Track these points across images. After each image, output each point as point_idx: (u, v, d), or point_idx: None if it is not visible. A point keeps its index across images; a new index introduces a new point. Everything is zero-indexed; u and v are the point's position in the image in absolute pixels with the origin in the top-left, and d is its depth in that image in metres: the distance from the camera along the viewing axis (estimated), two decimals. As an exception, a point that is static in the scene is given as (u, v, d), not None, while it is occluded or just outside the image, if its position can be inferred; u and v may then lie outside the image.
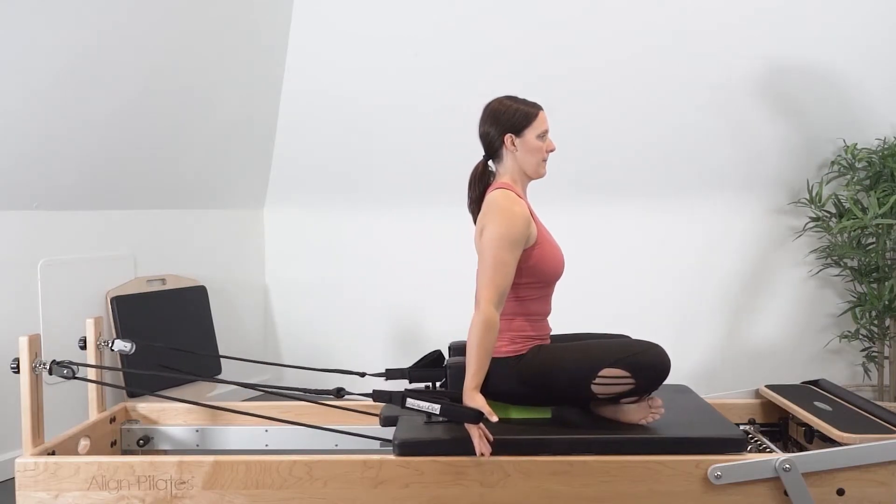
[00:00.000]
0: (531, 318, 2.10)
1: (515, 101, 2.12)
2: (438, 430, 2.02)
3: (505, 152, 2.12)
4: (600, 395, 2.03)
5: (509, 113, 2.09)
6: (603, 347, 2.05)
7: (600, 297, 3.81)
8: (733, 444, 1.96)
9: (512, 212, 2.00)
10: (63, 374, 2.09)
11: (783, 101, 3.40)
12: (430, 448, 1.96)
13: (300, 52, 3.99)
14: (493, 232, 1.98)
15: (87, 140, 3.21)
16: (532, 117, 2.10)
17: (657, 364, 2.00)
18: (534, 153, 2.10)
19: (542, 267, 2.07)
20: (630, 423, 2.07)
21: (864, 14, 3.22)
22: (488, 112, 2.13)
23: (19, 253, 3.09)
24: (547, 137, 2.13)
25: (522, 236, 2.00)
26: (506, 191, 2.07)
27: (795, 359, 3.58)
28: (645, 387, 2.01)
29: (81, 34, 2.96)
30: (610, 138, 3.68)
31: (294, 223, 4.41)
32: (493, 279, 1.96)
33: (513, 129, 2.09)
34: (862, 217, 3.12)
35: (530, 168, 2.12)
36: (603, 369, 1.99)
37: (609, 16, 3.49)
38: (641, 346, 2.03)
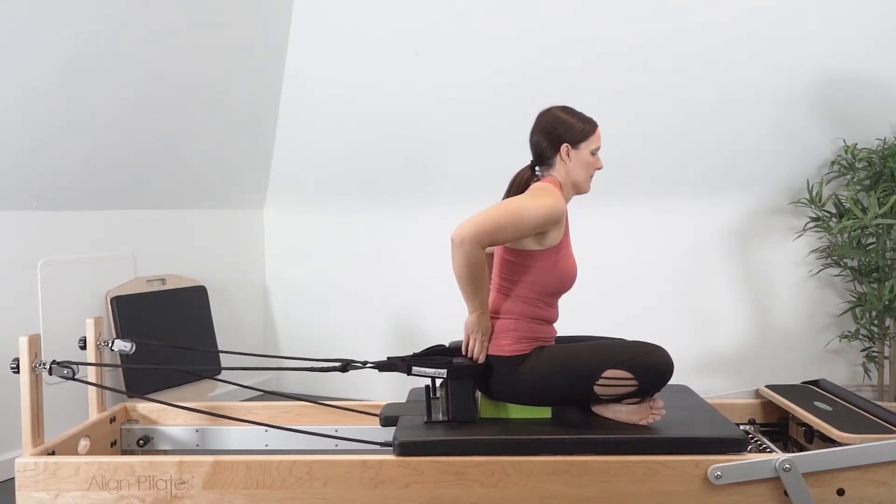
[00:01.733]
0: (537, 322, 2.11)
1: (575, 113, 2.16)
2: (439, 431, 2.02)
3: (558, 161, 2.13)
4: (603, 396, 2.04)
5: (568, 125, 2.12)
6: (606, 349, 2.05)
7: (599, 296, 3.81)
8: (734, 443, 1.96)
9: (558, 197, 2.02)
10: (63, 374, 2.09)
11: (783, 100, 3.40)
12: (431, 448, 1.95)
13: (300, 52, 3.99)
14: (537, 198, 2.00)
15: (87, 140, 3.21)
16: (589, 133, 2.14)
17: (661, 366, 2.01)
18: (586, 167, 2.14)
19: (557, 272, 2.08)
20: (631, 423, 2.07)
21: (865, 14, 3.22)
22: (547, 121, 2.15)
23: (19, 253, 3.09)
24: (598, 155, 2.17)
25: (553, 221, 2.00)
26: (553, 186, 2.09)
27: (795, 359, 3.58)
28: (648, 388, 2.02)
29: (81, 34, 2.96)
30: (609, 137, 3.68)
31: (294, 223, 4.41)
32: (498, 216, 1.95)
33: (571, 140, 2.11)
34: (862, 217, 3.12)
35: (579, 180, 2.15)
36: (606, 370, 2.00)
37: (609, 13, 3.50)
38: (645, 348, 2.04)
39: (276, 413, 2.51)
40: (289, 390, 4.35)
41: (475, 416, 2.10)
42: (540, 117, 2.17)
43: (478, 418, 2.11)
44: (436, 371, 2.04)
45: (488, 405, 2.16)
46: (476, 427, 2.05)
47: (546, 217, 1.99)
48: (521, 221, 1.96)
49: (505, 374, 2.03)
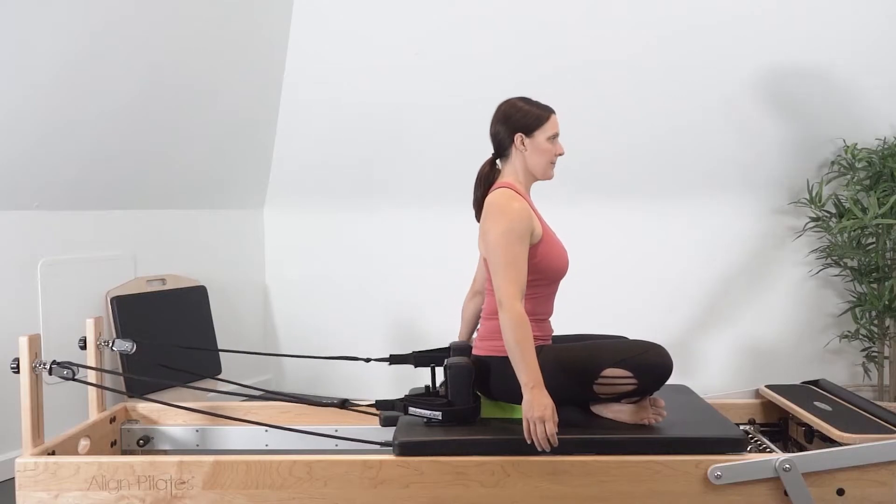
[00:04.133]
0: (534, 318, 2.10)
1: (529, 102, 2.15)
2: (439, 431, 2.02)
3: (514, 151, 2.14)
4: (602, 396, 2.04)
5: (522, 113, 2.12)
6: (605, 348, 2.05)
7: (599, 296, 3.81)
8: (733, 443, 1.96)
9: (512, 207, 2.01)
10: (63, 374, 2.09)
11: (783, 101, 3.40)
12: (430, 448, 1.96)
13: (300, 52, 3.99)
14: (499, 229, 1.99)
15: (87, 140, 3.21)
16: (544, 119, 2.12)
17: (659, 364, 2.00)
18: (543, 154, 2.13)
19: (546, 264, 2.08)
20: (631, 423, 2.07)
21: (865, 14, 3.22)
22: (501, 111, 2.15)
23: (19, 253, 3.09)
24: (557, 141, 2.15)
25: (527, 230, 2.01)
26: (506, 190, 2.08)
27: (795, 359, 3.58)
28: (647, 387, 2.02)
29: (81, 34, 2.96)
30: (609, 137, 3.68)
31: (294, 223, 4.41)
32: (509, 274, 1.96)
33: (524, 129, 2.11)
34: (862, 217, 3.12)
35: (538, 169, 2.14)
36: (605, 370, 2.00)
37: (610, 14, 3.50)
38: (644, 346, 2.04)
39: (277, 413, 2.51)
40: (289, 390, 4.34)
41: (475, 417, 2.10)
42: (497, 108, 2.17)
43: (478, 418, 2.12)
44: (431, 413, 2.05)
45: (488, 405, 2.16)
46: (476, 427, 2.05)
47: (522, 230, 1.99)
48: (518, 255, 1.97)
49: (504, 374, 2.02)
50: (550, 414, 1.87)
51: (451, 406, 2.07)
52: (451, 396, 2.08)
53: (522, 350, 1.91)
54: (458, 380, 2.07)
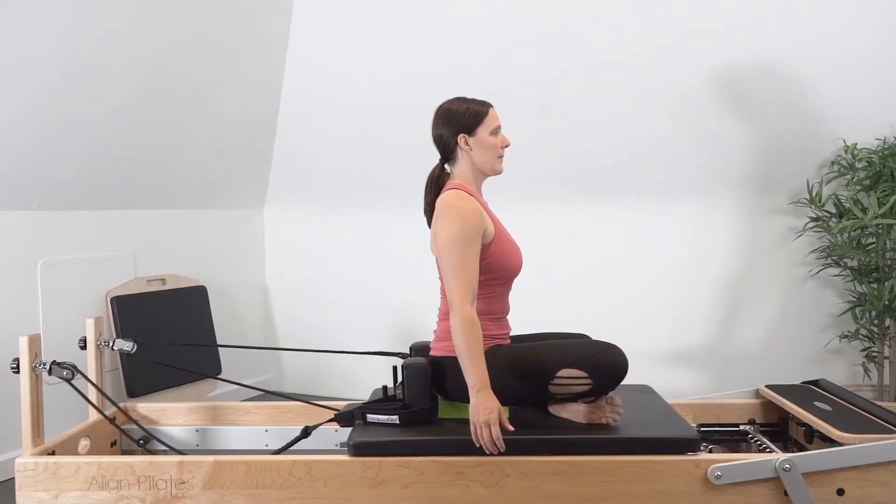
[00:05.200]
0: (490, 317, 2.10)
1: (465, 101, 2.14)
2: (395, 432, 2.02)
3: (459, 153, 2.13)
4: (558, 396, 2.04)
5: (460, 113, 2.11)
6: (561, 348, 2.05)
7: (599, 296, 3.81)
8: (687, 444, 1.96)
9: (462, 208, 2.00)
10: (63, 374, 2.09)
11: (783, 101, 3.40)
12: (385, 449, 1.96)
13: (300, 52, 3.99)
14: (449, 231, 1.98)
15: (87, 140, 3.21)
16: (483, 115, 2.12)
17: (614, 364, 2.00)
18: (488, 150, 2.12)
19: (499, 263, 2.07)
20: (589, 423, 2.07)
21: (865, 14, 3.22)
22: (440, 115, 2.15)
23: (19, 253, 3.09)
24: (500, 133, 2.15)
25: (478, 231, 2.00)
26: (455, 191, 2.07)
27: (795, 359, 3.58)
28: (602, 387, 2.02)
29: (81, 34, 2.96)
30: (609, 138, 3.68)
31: (294, 223, 4.41)
32: (459, 278, 1.95)
33: (465, 128, 2.10)
34: (862, 217, 3.12)
35: (486, 165, 2.14)
36: (561, 370, 2.00)
37: (610, 15, 3.49)
38: (599, 346, 2.04)
39: (276, 413, 2.51)
40: (289, 390, 4.35)
41: (432, 417, 2.10)
42: (435, 113, 2.16)
43: (435, 419, 2.12)
44: (388, 418, 2.06)
45: (445, 406, 2.16)
46: (432, 428, 2.05)
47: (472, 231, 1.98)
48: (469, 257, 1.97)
49: (459, 374, 1.99)
50: (496, 417, 1.86)
51: (407, 408, 2.08)
52: (407, 398, 2.09)
53: (471, 353, 1.90)
54: (413, 381, 2.08)
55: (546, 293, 3.86)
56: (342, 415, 2.15)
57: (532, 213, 3.87)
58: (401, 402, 2.11)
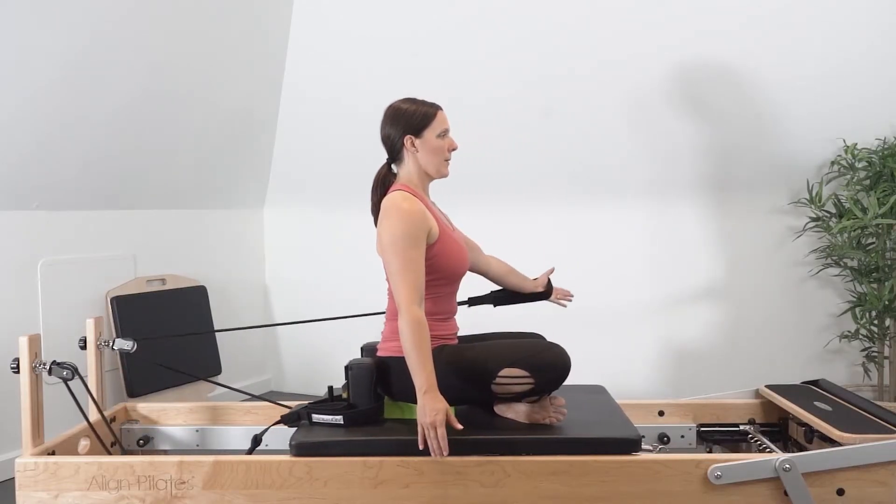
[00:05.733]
0: (437, 317, 2.11)
1: (414, 102, 2.15)
2: (339, 432, 2.03)
3: (406, 154, 2.14)
4: (500, 395, 2.04)
5: (408, 115, 2.11)
6: (503, 347, 2.05)
7: (599, 296, 3.81)
8: (628, 444, 1.96)
9: (405, 209, 2.00)
10: (63, 374, 2.09)
11: (783, 100, 3.40)
12: (327, 449, 1.97)
13: (300, 52, 3.99)
14: (392, 233, 1.98)
15: (87, 140, 3.21)
16: (431, 117, 2.12)
17: (556, 364, 2.01)
18: (435, 153, 2.12)
19: (444, 263, 2.08)
20: (532, 422, 2.07)
21: (864, 14, 3.22)
22: (388, 115, 2.15)
23: (19, 253, 3.09)
24: (448, 136, 2.15)
25: (422, 231, 2.00)
26: (399, 192, 2.08)
27: (795, 359, 3.58)
28: (544, 386, 2.02)
29: (81, 34, 2.96)
30: (609, 138, 3.68)
31: (294, 223, 4.41)
32: (405, 279, 1.95)
33: (412, 130, 2.11)
34: (862, 217, 3.12)
35: (432, 168, 2.14)
36: (503, 369, 2.00)
37: (609, 16, 3.49)
38: (541, 346, 2.04)
39: (276, 413, 2.50)
40: (289, 390, 4.35)
41: (378, 417, 2.11)
42: (384, 112, 2.16)
43: (380, 419, 2.12)
44: (332, 418, 2.07)
45: (391, 406, 2.16)
46: (377, 428, 2.06)
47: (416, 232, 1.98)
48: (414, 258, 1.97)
49: (405, 375, 1.99)
50: (442, 419, 1.85)
51: (352, 408, 2.08)
52: (352, 398, 2.10)
53: (418, 354, 1.90)
54: (358, 381, 2.09)
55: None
56: (289, 415, 2.16)
57: (531, 214, 3.87)
58: (346, 403, 2.12)
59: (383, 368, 2.10)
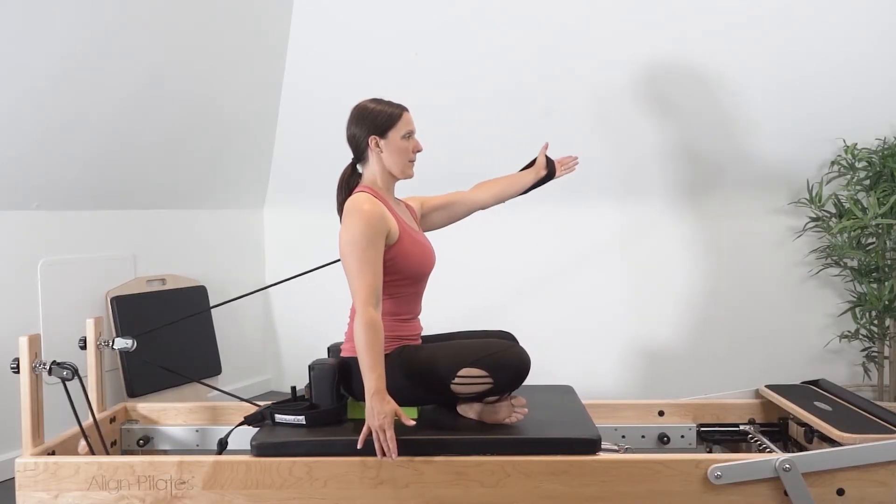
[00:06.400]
0: (398, 318, 2.11)
1: (380, 103, 2.16)
2: (301, 432, 2.03)
3: (370, 154, 2.14)
4: (461, 395, 2.04)
5: (373, 115, 2.12)
6: (463, 347, 2.05)
7: (598, 297, 3.81)
8: (586, 444, 1.97)
9: (363, 210, 2.00)
10: (63, 374, 2.09)
11: (783, 100, 3.40)
12: (287, 450, 1.97)
13: (300, 52, 3.99)
14: (350, 233, 1.99)
15: (87, 140, 3.21)
16: (396, 118, 2.13)
17: (515, 363, 2.01)
18: (399, 154, 2.13)
19: (404, 264, 2.08)
20: (493, 422, 2.07)
21: (864, 14, 3.22)
22: (354, 115, 2.15)
23: (19, 253, 3.09)
24: (413, 138, 2.16)
25: (379, 232, 2.00)
26: (361, 193, 2.08)
27: (795, 359, 3.58)
28: (504, 386, 2.02)
29: (80, 33, 2.96)
30: (609, 137, 3.68)
31: (294, 223, 4.40)
32: (362, 279, 1.96)
33: (377, 130, 2.11)
34: (862, 217, 3.12)
35: (396, 169, 2.15)
36: (462, 369, 2.00)
37: (610, 18, 3.49)
38: (500, 345, 2.04)
39: (276, 413, 2.50)
40: (288, 390, 4.34)
41: (340, 418, 2.11)
42: (350, 112, 2.17)
43: (343, 419, 2.12)
44: (295, 418, 2.07)
45: (354, 406, 2.16)
46: (338, 428, 2.05)
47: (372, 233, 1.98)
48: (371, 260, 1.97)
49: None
50: (390, 421, 1.86)
51: (314, 409, 2.08)
52: (314, 398, 2.11)
53: (370, 355, 1.90)
54: (320, 382, 2.09)
55: (545, 293, 3.86)
56: (252, 416, 2.17)
57: (531, 213, 3.87)
58: (308, 403, 2.12)
59: (346, 368, 2.10)
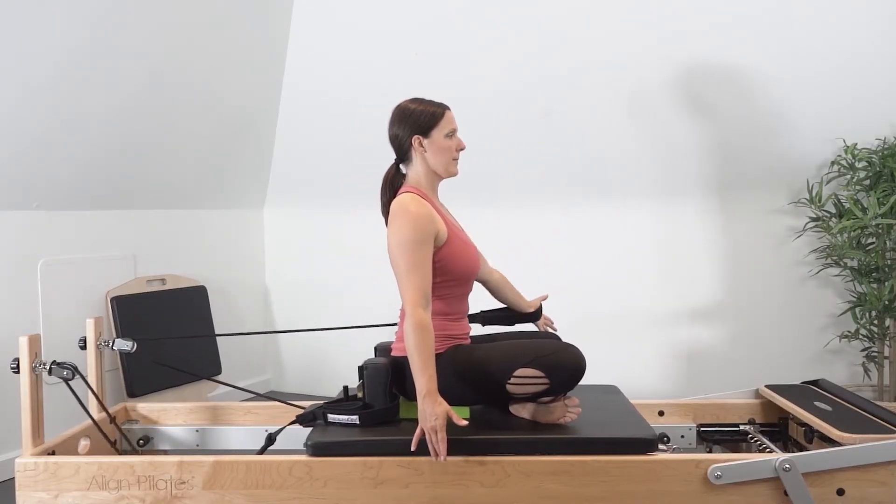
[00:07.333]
0: (448, 317, 2.12)
1: (422, 102, 2.15)
2: (355, 432, 2.03)
3: (414, 154, 2.14)
4: (516, 395, 2.04)
5: (416, 115, 2.12)
6: (519, 347, 2.05)
7: (599, 297, 3.81)
8: (645, 444, 1.97)
9: (412, 212, 2.01)
10: (63, 374, 2.09)
11: (783, 100, 3.40)
12: (343, 449, 1.97)
13: (300, 52, 3.99)
14: (399, 235, 1.99)
15: (87, 140, 3.21)
16: (439, 117, 2.13)
17: (571, 364, 2.01)
18: (443, 153, 2.13)
19: (453, 266, 2.08)
20: (547, 422, 2.07)
21: (865, 14, 3.22)
22: (396, 115, 2.15)
23: (19, 253, 3.09)
24: (455, 136, 2.16)
25: (428, 234, 2.01)
26: (407, 194, 2.08)
27: (795, 359, 3.58)
28: (559, 387, 2.03)
29: (81, 33, 2.96)
30: (609, 137, 3.68)
31: (294, 223, 4.41)
32: (411, 281, 1.96)
33: (420, 130, 2.11)
34: (862, 217, 3.12)
35: (440, 168, 2.15)
36: (518, 369, 2.00)
37: (610, 15, 3.49)
38: (556, 346, 2.04)
39: (277, 413, 2.51)
40: (289, 390, 4.34)
41: (393, 417, 2.11)
42: (392, 113, 2.17)
43: (396, 418, 2.12)
44: (348, 418, 2.07)
45: (406, 406, 2.16)
46: (392, 428, 2.05)
47: (422, 235, 1.99)
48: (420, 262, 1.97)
49: None
50: (442, 423, 1.86)
51: (368, 408, 2.08)
52: (367, 398, 2.10)
53: (420, 357, 1.90)
54: (374, 381, 2.09)
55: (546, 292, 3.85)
56: (304, 415, 2.16)
57: (530, 213, 3.87)
58: (361, 403, 2.12)
59: (398, 368, 2.11)
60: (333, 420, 2.09)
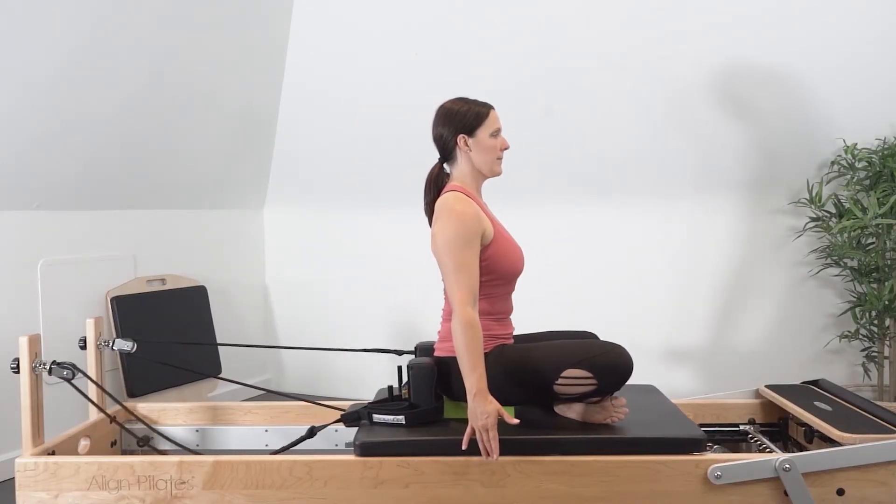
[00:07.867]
0: (493, 317, 2.11)
1: (467, 101, 2.15)
2: (401, 432, 2.02)
3: (459, 153, 2.14)
4: (563, 395, 2.04)
5: (461, 114, 2.12)
6: (566, 348, 2.05)
7: (599, 296, 3.81)
8: (693, 444, 1.96)
9: (459, 211, 2.01)
10: (63, 374, 2.09)
11: (783, 100, 3.40)
12: (390, 449, 1.96)
13: (300, 52, 3.99)
14: (447, 234, 1.99)
15: (88, 140, 3.21)
16: (483, 116, 2.13)
17: (619, 365, 2.01)
18: (488, 152, 2.13)
19: (499, 265, 2.08)
20: (593, 423, 2.07)
21: (865, 14, 3.22)
22: (441, 115, 2.16)
23: (19, 253, 3.09)
24: (500, 136, 2.16)
25: (475, 233, 2.01)
26: (454, 193, 2.08)
27: (795, 359, 3.58)
28: (607, 387, 2.02)
29: (81, 33, 2.96)
30: (609, 137, 3.68)
31: (294, 223, 4.41)
32: (459, 280, 1.96)
33: (465, 129, 2.11)
34: (862, 217, 3.12)
35: (485, 167, 2.15)
36: (566, 370, 2.00)
37: (610, 13, 3.49)
38: (604, 346, 2.04)
39: (277, 413, 2.51)
40: (289, 390, 4.34)
41: (438, 418, 2.11)
42: (436, 112, 2.17)
43: (441, 419, 2.12)
44: (394, 418, 2.07)
45: (451, 406, 2.16)
46: (438, 428, 2.05)
47: (470, 234, 1.99)
48: (468, 261, 1.97)
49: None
50: (493, 421, 1.87)
51: (413, 408, 2.08)
52: (413, 398, 2.10)
53: (470, 356, 1.90)
54: (419, 381, 2.09)
55: (547, 293, 3.85)
56: (348, 415, 2.16)
57: (533, 213, 3.87)
58: (407, 403, 2.11)
59: (442, 368, 2.11)
60: (378, 420, 2.08)
